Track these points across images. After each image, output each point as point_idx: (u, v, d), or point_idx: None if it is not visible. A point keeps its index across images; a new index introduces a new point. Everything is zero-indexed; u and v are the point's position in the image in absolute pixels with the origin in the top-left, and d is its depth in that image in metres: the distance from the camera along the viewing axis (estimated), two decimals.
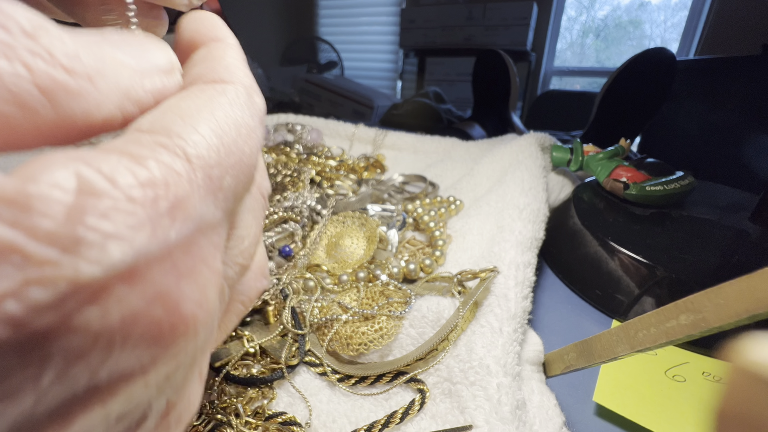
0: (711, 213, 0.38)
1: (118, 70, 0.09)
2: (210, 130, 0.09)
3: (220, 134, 0.09)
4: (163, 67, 0.11)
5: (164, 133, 0.09)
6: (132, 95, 0.10)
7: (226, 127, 0.10)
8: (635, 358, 0.27)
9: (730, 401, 0.08)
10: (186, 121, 0.09)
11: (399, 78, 2.37)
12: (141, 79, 0.10)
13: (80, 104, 0.08)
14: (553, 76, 2.06)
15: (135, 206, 0.07)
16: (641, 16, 1.92)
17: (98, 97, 0.09)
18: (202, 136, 0.09)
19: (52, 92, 0.08)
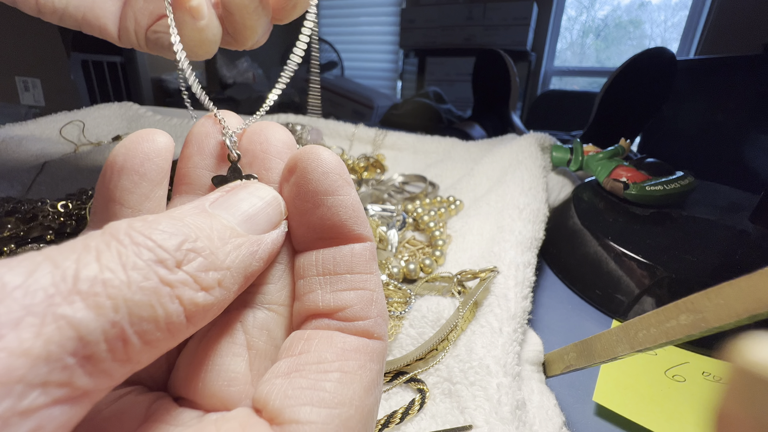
0: (711, 213, 0.38)
1: (238, 252, 0.10)
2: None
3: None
4: (274, 222, 0.12)
5: None
6: (248, 271, 0.11)
7: (368, 424, 0.11)
8: (635, 358, 0.27)
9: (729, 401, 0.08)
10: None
11: (399, 78, 2.37)
12: (257, 249, 0.11)
13: (210, 314, 0.10)
14: (553, 76, 2.06)
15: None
16: (641, 15, 1.92)
17: (224, 294, 0.10)
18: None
19: (193, 317, 0.09)
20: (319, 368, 0.10)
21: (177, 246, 0.09)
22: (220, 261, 0.10)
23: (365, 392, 0.10)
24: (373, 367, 0.11)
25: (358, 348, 0.11)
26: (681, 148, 0.81)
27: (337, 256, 0.12)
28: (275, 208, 0.12)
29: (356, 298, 0.11)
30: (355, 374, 0.10)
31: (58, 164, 0.50)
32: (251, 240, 0.11)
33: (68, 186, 0.46)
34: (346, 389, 0.10)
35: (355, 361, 0.10)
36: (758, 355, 0.07)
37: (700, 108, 0.79)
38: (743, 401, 0.08)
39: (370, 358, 0.11)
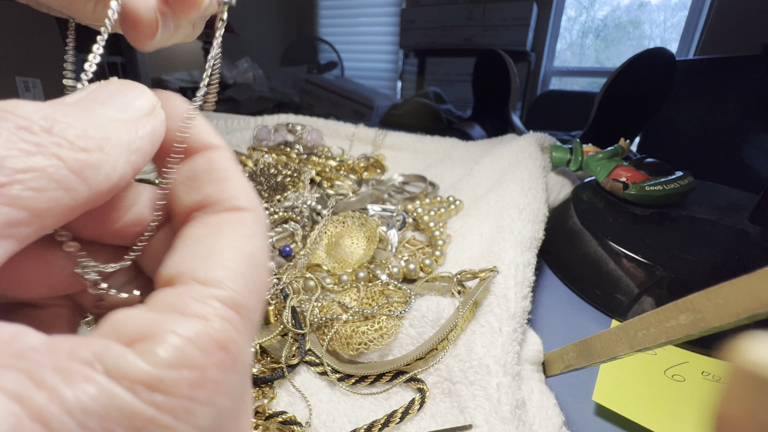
0: (710, 213, 0.38)
1: (116, 129, 0.11)
2: (248, 273, 0.11)
3: (254, 275, 0.11)
4: (147, 110, 0.12)
5: (218, 284, 0.10)
6: (133, 147, 0.11)
7: (257, 265, 0.11)
8: (635, 358, 0.27)
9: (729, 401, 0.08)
10: (230, 266, 0.10)
11: (399, 78, 2.37)
12: (135, 130, 0.11)
13: (101, 173, 0.10)
14: (552, 76, 2.06)
15: (216, 371, 0.09)
16: (641, 16, 1.92)
17: (111, 161, 0.10)
18: (246, 284, 0.10)
19: (81, 171, 0.09)
20: (194, 239, 0.11)
21: (43, 116, 0.09)
22: (95, 131, 0.10)
23: (241, 241, 0.11)
24: (244, 228, 0.12)
25: (227, 219, 0.12)
26: (680, 148, 0.81)
27: (195, 164, 0.13)
28: (148, 94, 0.12)
29: (216, 186, 0.12)
30: (227, 233, 0.11)
31: None
32: (128, 121, 0.11)
33: None
34: (221, 242, 0.11)
35: (226, 227, 0.11)
36: (757, 354, 0.08)
37: (700, 108, 0.79)
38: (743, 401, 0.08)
39: (240, 223, 0.12)
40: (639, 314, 0.20)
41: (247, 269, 0.11)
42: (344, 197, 0.47)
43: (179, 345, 0.09)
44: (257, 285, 0.11)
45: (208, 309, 0.09)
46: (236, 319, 0.10)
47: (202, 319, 0.09)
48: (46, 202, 0.09)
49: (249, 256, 0.11)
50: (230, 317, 0.10)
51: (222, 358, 0.09)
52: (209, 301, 0.10)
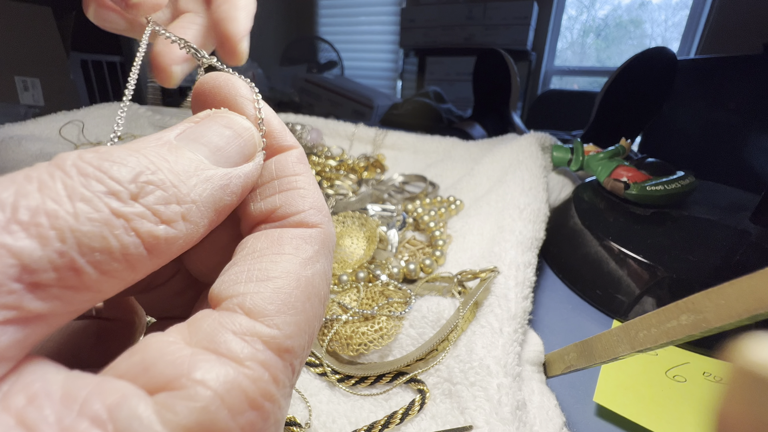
0: (712, 213, 0.38)
1: (207, 186, 0.10)
2: (300, 307, 0.10)
3: (307, 308, 0.10)
4: (248, 155, 0.11)
5: (262, 318, 0.09)
6: (219, 205, 0.10)
7: (312, 296, 0.10)
8: (636, 359, 0.27)
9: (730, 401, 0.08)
10: (281, 296, 0.10)
11: (399, 78, 2.37)
12: (228, 183, 0.11)
13: (176, 245, 0.09)
14: (553, 75, 2.06)
15: (247, 415, 0.08)
16: (642, 15, 1.91)
17: (190, 229, 0.10)
18: (295, 321, 0.10)
19: (156, 247, 0.09)
20: (254, 256, 0.10)
21: (132, 178, 0.08)
22: (184, 194, 0.09)
23: (301, 266, 0.10)
24: (308, 248, 0.11)
25: (292, 235, 0.11)
26: (682, 147, 0.81)
27: (263, 170, 0.12)
28: (248, 140, 0.11)
29: (284, 197, 0.12)
30: (289, 254, 0.10)
31: None
32: (221, 173, 0.10)
33: None
34: (279, 265, 0.10)
35: (288, 245, 0.11)
36: (759, 355, 0.07)
37: (701, 108, 0.79)
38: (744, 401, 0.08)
39: (305, 241, 0.11)
40: (640, 315, 0.20)
41: (301, 302, 0.10)
42: (344, 197, 0.47)
43: (203, 405, 0.08)
44: (310, 322, 0.10)
45: (246, 350, 0.08)
46: (278, 366, 0.09)
47: (236, 363, 0.08)
48: (107, 284, 0.08)
49: (307, 286, 0.10)
50: (270, 363, 0.09)
51: (252, 420, 0.08)
52: (250, 341, 0.09)
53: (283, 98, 1.70)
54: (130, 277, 0.09)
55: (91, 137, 0.65)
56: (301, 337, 0.10)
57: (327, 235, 0.12)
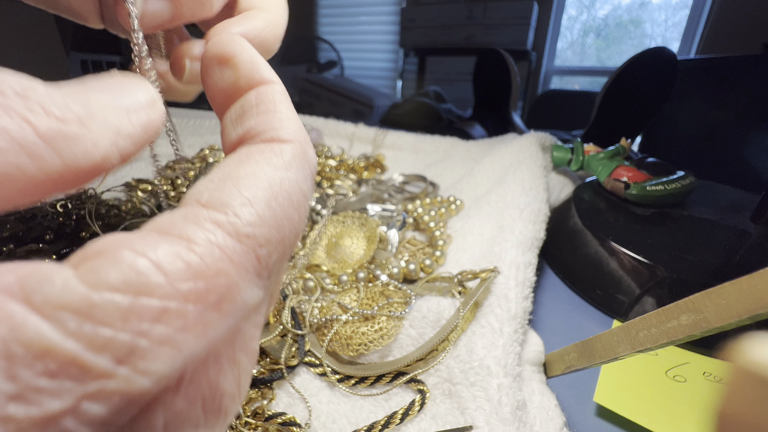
0: (712, 213, 0.38)
1: (105, 111, 0.10)
2: (265, 202, 0.09)
3: (274, 206, 0.10)
4: (145, 102, 0.11)
5: (220, 207, 0.09)
6: (122, 131, 0.10)
7: (280, 197, 0.10)
8: (636, 359, 0.27)
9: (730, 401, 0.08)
10: (243, 192, 0.09)
11: (399, 77, 2.37)
12: (128, 116, 0.11)
13: (79, 147, 0.09)
14: (553, 75, 2.06)
15: (186, 304, 0.07)
16: (642, 15, 1.91)
17: (93, 137, 0.09)
18: (256, 212, 0.09)
19: (53, 139, 0.08)
20: (219, 167, 0.10)
21: (22, 85, 0.08)
22: (78, 107, 0.09)
23: (268, 169, 0.10)
24: (277, 158, 0.11)
25: (261, 148, 0.11)
26: (682, 147, 0.81)
27: (244, 101, 0.12)
28: (145, 92, 0.12)
29: (260, 119, 0.12)
30: (254, 161, 0.10)
31: None
32: (120, 107, 0.11)
33: None
34: (243, 168, 0.10)
35: (257, 155, 0.11)
36: (759, 355, 0.07)
37: (701, 108, 0.79)
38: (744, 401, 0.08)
39: (274, 153, 0.11)
40: (640, 315, 0.20)
41: (267, 199, 0.09)
42: (344, 197, 0.47)
43: (135, 266, 0.07)
44: (279, 220, 0.09)
45: (197, 233, 0.08)
46: (235, 249, 0.08)
47: (184, 241, 0.08)
48: (4, 166, 0.08)
49: (274, 186, 0.10)
50: (226, 245, 0.08)
51: (197, 291, 0.07)
52: (203, 224, 0.08)
53: None
54: (32, 168, 0.08)
55: None
56: (266, 229, 0.09)
57: (302, 151, 0.11)
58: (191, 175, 0.48)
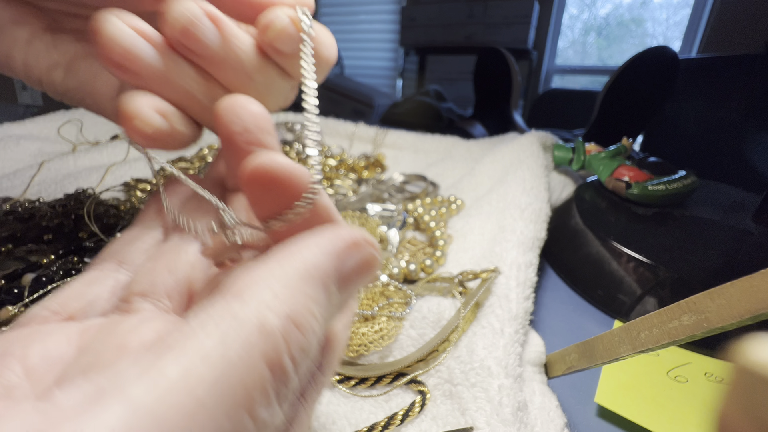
0: (714, 213, 0.38)
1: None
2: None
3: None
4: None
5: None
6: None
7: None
8: (637, 359, 0.27)
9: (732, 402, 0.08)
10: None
11: (399, 76, 2.36)
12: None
13: None
14: (554, 74, 2.05)
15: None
16: (643, 14, 1.91)
17: None
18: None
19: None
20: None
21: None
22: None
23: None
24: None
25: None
26: (683, 147, 0.81)
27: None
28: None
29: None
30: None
31: (56, 164, 0.50)
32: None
33: (66, 185, 0.46)
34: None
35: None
36: (761, 355, 0.07)
37: (703, 107, 0.78)
38: (745, 402, 0.08)
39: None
40: (642, 315, 0.20)
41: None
42: (344, 197, 0.47)
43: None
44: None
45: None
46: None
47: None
48: None
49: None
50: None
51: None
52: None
53: None
54: None
55: (89, 136, 0.65)
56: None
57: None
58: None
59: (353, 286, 0.13)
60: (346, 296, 0.12)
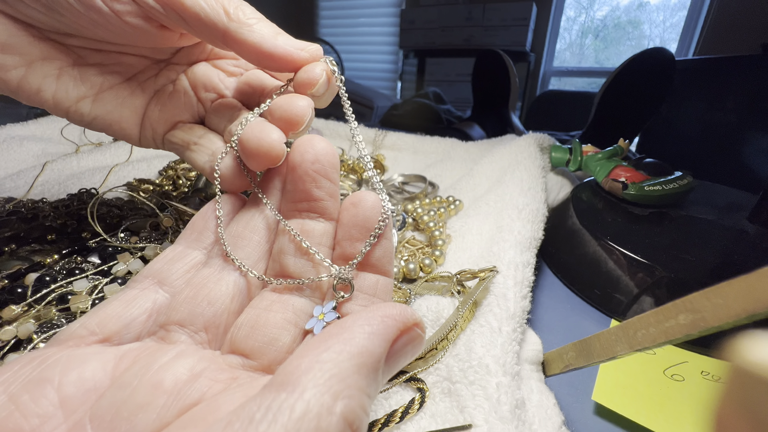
0: (710, 213, 0.38)
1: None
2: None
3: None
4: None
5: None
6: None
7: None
8: (634, 358, 0.27)
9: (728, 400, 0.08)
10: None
11: (399, 78, 2.37)
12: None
13: None
14: (552, 76, 2.06)
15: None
16: (640, 16, 1.92)
17: None
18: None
19: None
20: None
21: None
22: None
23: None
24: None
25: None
26: (680, 148, 0.81)
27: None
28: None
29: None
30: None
31: (59, 164, 0.50)
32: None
33: (69, 186, 0.46)
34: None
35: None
36: (756, 354, 0.07)
37: (699, 108, 0.79)
38: (741, 400, 0.08)
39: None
40: (638, 314, 0.20)
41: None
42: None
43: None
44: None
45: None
46: None
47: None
48: None
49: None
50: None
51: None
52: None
53: None
54: None
55: (92, 138, 0.65)
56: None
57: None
58: (192, 176, 0.48)
59: (398, 366, 0.13)
60: (388, 376, 0.13)
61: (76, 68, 0.22)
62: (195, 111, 0.25)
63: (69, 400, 0.11)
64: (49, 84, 0.22)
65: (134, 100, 0.24)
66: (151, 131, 0.25)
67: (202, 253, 0.18)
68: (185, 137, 0.24)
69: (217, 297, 0.16)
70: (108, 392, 0.12)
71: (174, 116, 0.25)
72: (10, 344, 0.22)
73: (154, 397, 0.11)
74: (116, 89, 0.24)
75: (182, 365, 0.13)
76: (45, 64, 0.21)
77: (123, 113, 0.24)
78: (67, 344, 0.14)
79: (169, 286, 0.16)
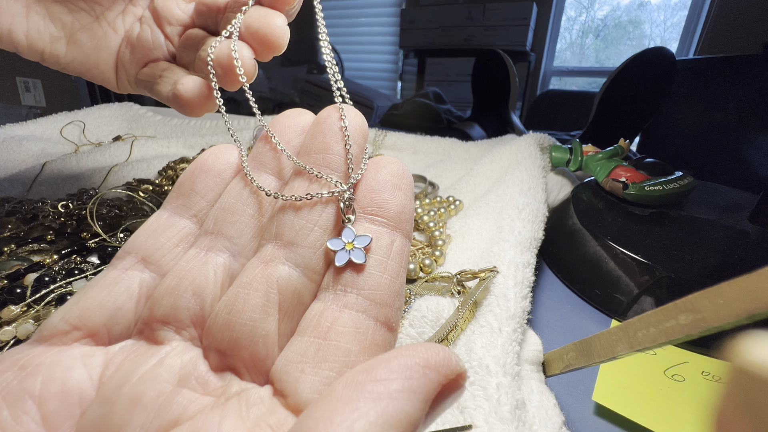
0: (710, 213, 0.38)
1: None
2: None
3: None
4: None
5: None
6: None
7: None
8: (634, 358, 0.27)
9: (728, 401, 0.08)
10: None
11: (399, 78, 2.37)
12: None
13: None
14: (552, 76, 2.06)
15: None
16: (641, 15, 1.92)
17: None
18: None
19: None
20: (346, 362, 0.11)
21: None
22: None
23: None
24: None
25: (380, 343, 0.12)
26: (680, 148, 0.81)
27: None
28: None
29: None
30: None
31: (58, 164, 0.50)
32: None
33: (69, 186, 0.46)
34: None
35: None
36: (757, 354, 0.07)
37: (700, 108, 0.79)
38: (742, 401, 0.08)
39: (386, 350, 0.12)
40: (639, 314, 0.20)
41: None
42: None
43: None
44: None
45: None
46: None
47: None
48: None
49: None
50: None
51: None
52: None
53: (284, 99, 1.70)
54: None
55: (92, 138, 0.65)
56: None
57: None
58: None
59: (432, 422, 0.10)
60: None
61: (41, 4, 0.23)
62: (164, 50, 0.26)
63: (52, 417, 0.11)
64: (19, 23, 0.22)
65: (108, 42, 0.25)
66: (125, 74, 0.26)
67: (192, 222, 0.15)
68: (151, 72, 0.25)
69: (203, 285, 0.13)
70: (90, 408, 0.11)
71: (144, 56, 0.26)
72: (10, 344, 0.22)
73: (133, 415, 0.10)
74: (89, 30, 0.24)
75: (165, 373, 0.11)
76: (10, 1, 0.22)
77: (100, 56, 0.25)
78: (51, 341, 0.12)
79: (155, 264, 0.14)
